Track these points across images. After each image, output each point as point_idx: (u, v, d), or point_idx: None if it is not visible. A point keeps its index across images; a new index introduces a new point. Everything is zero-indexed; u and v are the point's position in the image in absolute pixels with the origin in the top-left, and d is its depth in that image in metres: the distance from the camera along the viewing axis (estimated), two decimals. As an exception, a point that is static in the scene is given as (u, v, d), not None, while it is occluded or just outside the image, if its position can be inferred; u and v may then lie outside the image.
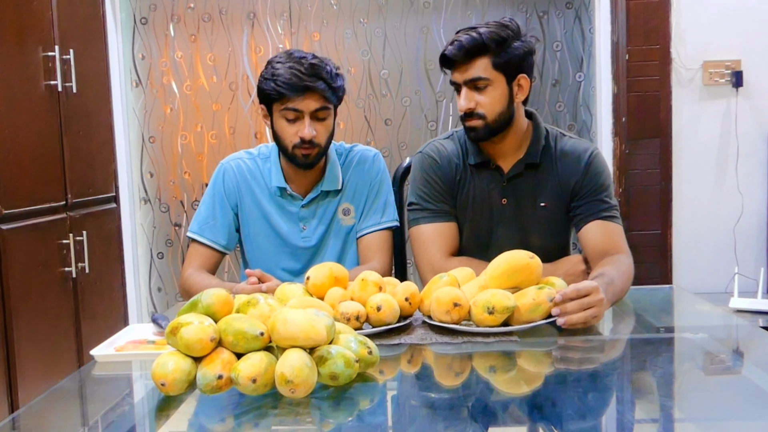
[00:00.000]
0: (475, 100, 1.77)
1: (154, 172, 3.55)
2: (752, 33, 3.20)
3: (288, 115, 1.81)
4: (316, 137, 1.82)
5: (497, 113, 1.77)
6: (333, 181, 1.95)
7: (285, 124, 1.83)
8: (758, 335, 1.55)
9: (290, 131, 1.82)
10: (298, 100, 1.79)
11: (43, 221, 2.52)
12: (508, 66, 1.76)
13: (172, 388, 1.16)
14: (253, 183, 1.96)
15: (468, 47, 1.73)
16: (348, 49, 3.48)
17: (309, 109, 1.80)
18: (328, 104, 1.83)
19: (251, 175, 1.96)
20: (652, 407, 1.15)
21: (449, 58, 1.77)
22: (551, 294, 1.43)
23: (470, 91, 1.77)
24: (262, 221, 1.96)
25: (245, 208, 1.96)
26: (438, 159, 1.89)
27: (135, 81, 3.51)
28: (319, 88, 1.78)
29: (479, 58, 1.74)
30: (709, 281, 3.28)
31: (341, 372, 1.15)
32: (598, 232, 1.80)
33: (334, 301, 1.46)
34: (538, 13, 3.47)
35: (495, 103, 1.77)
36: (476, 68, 1.75)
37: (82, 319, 2.72)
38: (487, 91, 1.76)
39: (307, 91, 1.78)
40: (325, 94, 1.80)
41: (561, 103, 3.51)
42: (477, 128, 1.79)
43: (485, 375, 1.34)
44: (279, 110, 1.83)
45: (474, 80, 1.76)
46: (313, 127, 1.81)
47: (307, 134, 1.80)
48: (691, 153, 3.26)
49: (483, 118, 1.77)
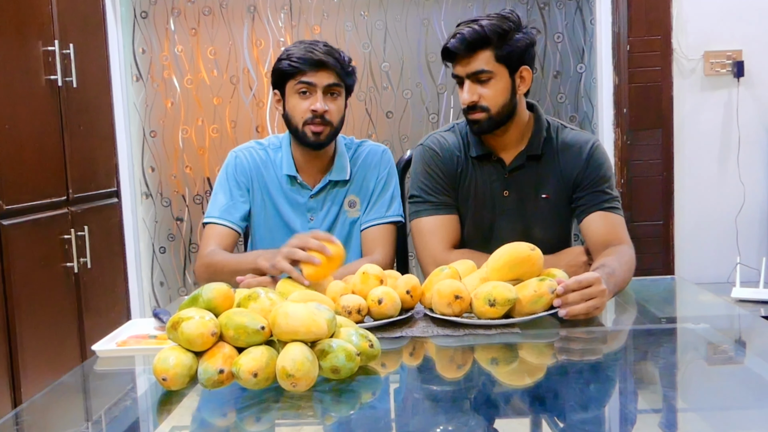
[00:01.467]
0: (478, 93, 1.76)
1: (155, 166, 3.54)
2: (753, 23, 3.19)
3: (302, 88, 1.86)
4: (328, 113, 1.86)
5: (500, 105, 1.77)
6: (341, 171, 1.96)
7: (298, 99, 1.87)
8: (760, 325, 1.55)
9: (303, 106, 1.86)
10: (311, 73, 1.85)
11: (44, 216, 2.52)
12: (511, 58, 1.75)
13: (174, 382, 1.16)
14: (263, 172, 1.98)
15: (470, 40, 1.73)
16: (349, 42, 3.47)
17: (322, 83, 1.85)
18: (340, 82, 1.88)
19: (263, 164, 1.98)
20: (654, 398, 1.15)
21: (451, 51, 1.76)
22: (553, 286, 1.42)
23: (473, 84, 1.77)
24: (271, 210, 1.97)
25: (257, 195, 1.98)
26: (439, 151, 1.88)
27: (135, 75, 3.50)
28: (332, 65, 1.85)
29: (482, 51, 1.74)
30: (711, 271, 3.27)
31: (343, 365, 1.15)
32: (600, 223, 1.80)
33: (335, 295, 1.46)
34: (539, 5, 3.46)
35: (498, 95, 1.76)
36: (479, 61, 1.74)
37: (85, 314, 2.73)
38: (490, 84, 1.76)
39: (321, 66, 1.85)
40: (337, 71, 1.86)
41: (562, 94, 3.50)
42: (480, 121, 1.78)
43: (487, 367, 1.34)
44: (293, 86, 1.87)
45: (477, 73, 1.75)
46: (325, 102, 1.85)
47: (320, 107, 1.84)
48: (693, 143, 3.26)
49: (487, 110, 1.77)
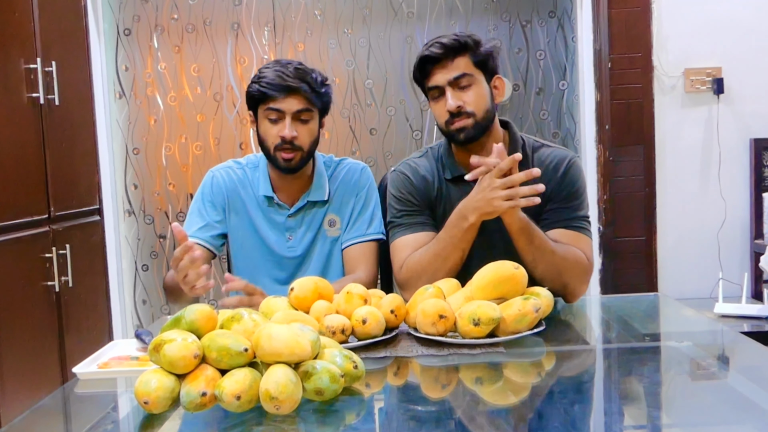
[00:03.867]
0: (462, 99, 1.77)
1: (138, 183, 3.52)
2: (732, 41, 3.23)
3: (270, 115, 1.84)
4: (297, 139, 1.84)
5: (484, 111, 1.79)
6: (320, 191, 1.96)
7: (268, 125, 1.86)
8: (741, 342, 1.56)
9: (272, 132, 1.85)
10: (280, 99, 1.82)
11: (25, 235, 2.49)
12: (486, 64, 1.80)
13: (156, 406, 1.15)
14: (241, 191, 1.97)
15: (450, 46, 1.77)
16: (332, 59, 3.48)
17: (291, 110, 1.83)
18: (311, 107, 1.85)
19: (240, 184, 1.97)
20: (638, 416, 1.15)
21: (431, 58, 1.78)
22: (537, 305, 1.43)
23: (455, 90, 1.78)
24: (249, 230, 1.96)
25: (233, 216, 1.97)
26: (411, 176, 1.88)
27: (118, 92, 3.49)
28: (302, 90, 1.82)
29: (460, 55, 1.77)
30: (694, 286, 3.29)
31: (326, 387, 1.15)
32: (563, 239, 1.78)
33: (319, 314, 1.45)
34: (521, 22, 3.49)
35: (480, 100, 1.78)
36: (459, 66, 1.77)
37: (66, 333, 2.70)
38: (472, 89, 1.78)
39: (290, 92, 1.82)
40: (307, 95, 1.83)
41: (545, 111, 3.52)
42: (467, 127, 1.78)
43: (472, 387, 1.34)
44: (263, 111, 1.86)
45: (458, 78, 1.77)
46: (294, 128, 1.83)
47: (288, 134, 1.82)
48: (674, 159, 3.29)
49: (472, 116, 1.78)
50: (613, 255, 3.29)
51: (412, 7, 3.47)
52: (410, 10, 3.47)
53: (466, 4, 3.47)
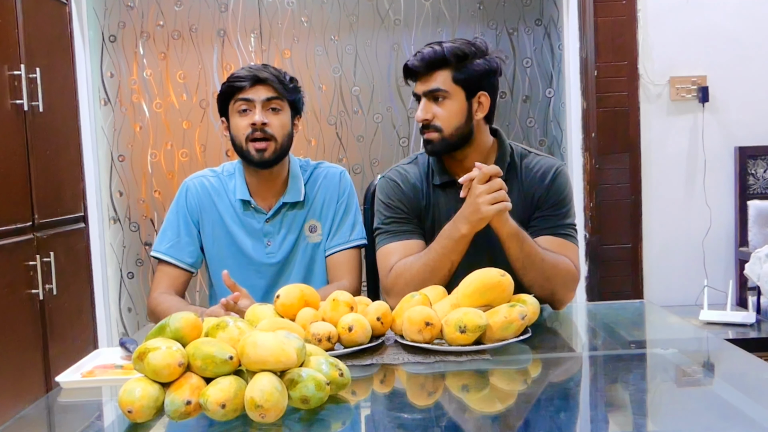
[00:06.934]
0: (432, 112, 1.78)
1: (123, 191, 3.51)
2: (717, 49, 3.26)
3: (240, 106, 1.86)
4: (269, 126, 1.85)
5: (454, 127, 1.78)
6: (295, 193, 1.94)
7: (239, 118, 1.87)
8: (725, 349, 1.57)
9: (243, 123, 1.86)
10: (248, 89, 1.86)
11: (9, 242, 2.47)
12: (468, 81, 1.77)
13: (140, 415, 1.14)
14: (216, 200, 1.95)
15: (429, 59, 1.76)
16: (319, 66, 3.48)
17: (260, 98, 1.85)
18: (280, 96, 1.87)
19: (215, 192, 1.95)
20: (624, 423, 1.16)
21: (411, 69, 1.79)
22: (523, 312, 1.43)
23: (429, 102, 1.78)
24: (225, 239, 1.94)
25: (208, 226, 1.94)
26: (400, 183, 1.88)
27: (103, 99, 3.47)
28: (269, 79, 1.86)
29: (439, 70, 1.76)
30: (680, 294, 3.31)
31: (312, 395, 1.14)
32: (549, 246, 1.78)
33: (305, 322, 1.45)
34: (507, 30, 3.51)
35: (452, 116, 1.77)
36: (436, 80, 1.77)
37: (50, 342, 2.67)
38: (445, 104, 1.77)
39: (258, 81, 1.86)
40: (275, 85, 1.86)
41: (532, 118, 3.54)
42: (433, 141, 1.79)
43: (458, 394, 1.33)
44: (233, 106, 1.88)
45: (433, 91, 1.77)
46: (265, 116, 1.85)
47: (258, 119, 1.84)
48: (660, 167, 3.31)
49: (439, 131, 1.78)
50: (599, 262, 3.30)
51: (399, 15, 3.48)
52: (397, 17, 3.48)
53: (452, 12, 3.49)
